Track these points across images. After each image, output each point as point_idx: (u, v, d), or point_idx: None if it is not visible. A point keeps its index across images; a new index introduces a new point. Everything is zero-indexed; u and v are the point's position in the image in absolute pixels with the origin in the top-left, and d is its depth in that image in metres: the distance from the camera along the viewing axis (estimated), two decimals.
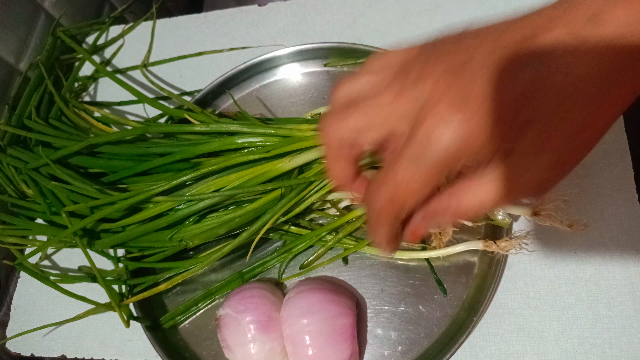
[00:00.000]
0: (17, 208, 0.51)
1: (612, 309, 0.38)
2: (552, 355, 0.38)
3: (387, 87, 0.25)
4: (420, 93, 0.23)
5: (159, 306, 0.47)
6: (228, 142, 0.42)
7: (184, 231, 0.42)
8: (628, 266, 0.39)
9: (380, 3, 0.55)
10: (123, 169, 0.45)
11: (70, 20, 0.64)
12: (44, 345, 0.48)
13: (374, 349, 0.41)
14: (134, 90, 0.49)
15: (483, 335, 0.39)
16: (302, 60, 0.53)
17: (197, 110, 0.47)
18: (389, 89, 0.25)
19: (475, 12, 0.51)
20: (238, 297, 0.41)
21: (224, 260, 0.46)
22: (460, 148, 0.22)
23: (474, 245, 0.40)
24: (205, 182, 0.42)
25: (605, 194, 0.41)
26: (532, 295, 0.40)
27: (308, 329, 0.38)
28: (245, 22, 0.58)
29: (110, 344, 0.47)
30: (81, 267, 0.50)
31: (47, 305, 0.50)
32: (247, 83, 0.54)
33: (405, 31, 0.53)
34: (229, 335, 0.40)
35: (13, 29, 0.57)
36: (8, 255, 0.53)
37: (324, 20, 0.56)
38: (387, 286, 0.42)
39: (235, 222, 0.41)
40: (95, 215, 0.42)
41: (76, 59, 0.62)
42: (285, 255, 0.44)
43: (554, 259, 0.40)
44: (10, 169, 0.51)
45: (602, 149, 0.42)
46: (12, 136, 0.53)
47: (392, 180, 0.24)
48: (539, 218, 0.37)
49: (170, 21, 0.61)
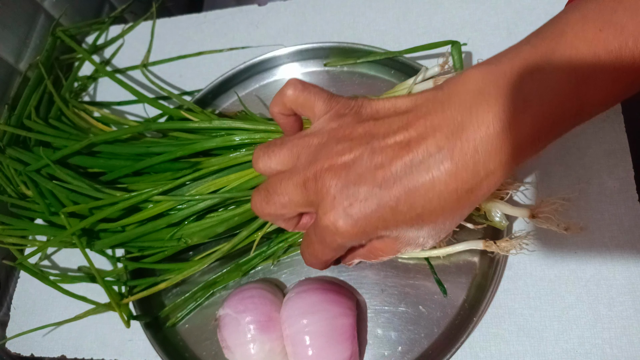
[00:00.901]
0: (16, 208, 0.51)
1: (613, 309, 0.38)
2: (552, 356, 0.38)
3: (298, 175, 0.29)
4: (323, 186, 0.28)
5: (159, 307, 0.47)
6: (229, 140, 0.42)
7: (183, 230, 0.42)
8: (628, 266, 0.39)
9: (380, 3, 0.55)
10: (122, 168, 0.45)
11: (70, 20, 0.64)
12: (44, 345, 0.48)
13: (374, 349, 0.41)
14: (133, 90, 0.49)
15: (483, 335, 0.39)
16: (302, 60, 0.53)
17: (197, 109, 0.47)
18: (298, 177, 0.29)
19: (475, 12, 0.51)
20: (238, 297, 0.41)
21: (224, 260, 0.46)
22: (361, 235, 0.29)
23: (474, 245, 0.40)
24: (205, 182, 0.42)
25: (605, 194, 0.41)
26: (532, 295, 0.40)
27: (308, 329, 0.38)
28: (245, 22, 0.58)
29: (110, 344, 0.47)
30: (81, 267, 0.50)
31: (47, 305, 0.50)
32: (247, 83, 0.54)
33: (405, 31, 0.52)
34: (229, 335, 0.40)
35: (13, 29, 0.57)
36: (8, 255, 0.53)
37: (324, 20, 0.56)
38: (387, 286, 0.42)
39: (234, 220, 0.41)
40: (95, 216, 0.42)
41: (76, 58, 0.62)
42: (281, 246, 0.44)
43: (555, 259, 0.40)
44: (10, 170, 0.51)
45: (602, 149, 0.42)
46: (12, 136, 0.53)
47: (305, 255, 0.33)
48: (537, 220, 0.37)
49: (170, 21, 0.61)
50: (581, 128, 0.43)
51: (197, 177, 0.42)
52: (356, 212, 0.27)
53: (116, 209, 0.42)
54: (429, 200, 0.27)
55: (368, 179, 0.27)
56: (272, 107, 0.33)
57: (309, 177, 0.29)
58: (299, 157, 0.30)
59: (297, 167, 0.30)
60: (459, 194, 0.27)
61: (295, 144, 0.30)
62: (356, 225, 0.28)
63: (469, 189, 0.27)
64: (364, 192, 0.27)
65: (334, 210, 0.28)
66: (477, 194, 0.28)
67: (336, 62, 0.52)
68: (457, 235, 0.41)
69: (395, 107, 0.29)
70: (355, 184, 0.27)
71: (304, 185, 0.29)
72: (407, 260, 0.43)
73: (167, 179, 0.43)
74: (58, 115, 0.54)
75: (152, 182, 0.44)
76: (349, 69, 0.52)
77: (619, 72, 0.27)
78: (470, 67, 0.29)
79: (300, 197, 0.30)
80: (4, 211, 0.52)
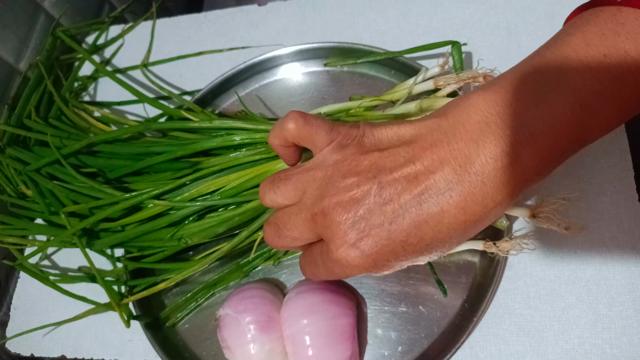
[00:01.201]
0: (16, 208, 0.51)
1: (613, 309, 0.38)
2: (552, 356, 0.38)
3: (304, 213, 0.30)
4: (332, 222, 0.29)
5: (159, 307, 0.47)
6: (229, 140, 0.42)
7: (183, 230, 0.42)
8: (628, 266, 0.39)
9: (380, 3, 0.55)
10: (122, 168, 0.45)
11: (70, 20, 0.64)
12: (44, 345, 0.48)
13: (374, 349, 0.41)
14: (133, 90, 0.49)
15: (483, 335, 0.39)
16: (302, 60, 0.53)
17: (197, 109, 0.47)
18: (305, 215, 0.30)
19: (475, 12, 0.51)
20: (238, 297, 0.41)
21: (224, 260, 0.46)
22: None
23: (474, 245, 0.40)
24: (205, 182, 0.42)
25: (606, 194, 0.41)
26: (532, 295, 0.40)
27: (308, 329, 0.38)
28: (245, 22, 0.58)
29: (110, 344, 0.47)
30: (81, 267, 0.50)
31: (47, 305, 0.50)
32: (247, 83, 0.54)
33: (405, 31, 0.52)
34: (229, 335, 0.40)
35: (13, 29, 0.57)
36: (8, 255, 0.53)
37: (324, 20, 0.56)
38: (387, 286, 0.42)
39: (234, 220, 0.41)
40: (95, 216, 0.42)
41: (76, 58, 0.62)
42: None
43: (555, 259, 0.40)
44: (10, 169, 0.51)
45: (602, 149, 0.42)
46: (12, 136, 0.53)
47: (313, 273, 0.33)
48: (537, 220, 0.37)
49: (170, 21, 0.61)
50: None
51: (197, 177, 0.42)
52: (368, 247, 0.28)
53: (117, 209, 0.42)
54: (438, 232, 0.27)
55: (378, 214, 0.27)
56: (272, 140, 0.33)
57: (316, 213, 0.29)
58: (305, 192, 0.30)
59: (304, 202, 0.30)
60: (467, 225, 0.27)
61: (299, 179, 0.30)
62: (368, 260, 0.28)
63: (476, 220, 0.27)
64: (375, 227, 0.27)
65: (345, 245, 0.28)
66: (484, 223, 0.28)
67: (336, 62, 0.52)
68: None
69: (399, 135, 0.29)
70: (365, 219, 0.28)
71: (313, 220, 0.29)
72: None
73: (167, 178, 0.43)
74: (58, 115, 0.54)
75: (152, 181, 0.44)
76: (349, 69, 0.52)
77: (623, 99, 0.27)
78: (473, 93, 0.29)
79: (309, 231, 0.30)
80: (4, 211, 0.52)
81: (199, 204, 0.41)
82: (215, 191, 0.41)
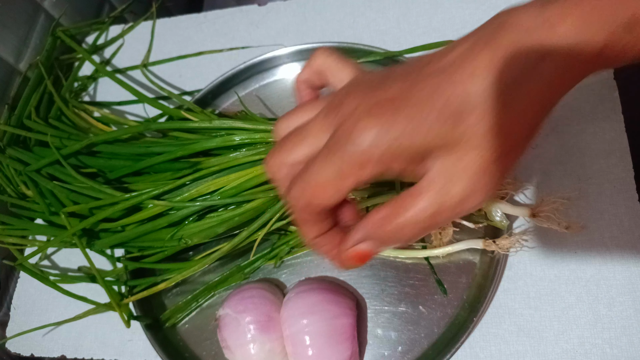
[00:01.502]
0: (16, 208, 0.51)
1: (613, 309, 0.38)
2: (552, 356, 0.38)
3: (319, 113, 0.26)
4: (347, 107, 0.24)
5: (159, 307, 0.47)
6: (229, 140, 0.42)
7: (183, 230, 0.42)
8: (628, 266, 0.39)
9: (380, 3, 0.55)
10: (122, 168, 0.45)
11: (70, 20, 0.64)
12: (44, 345, 0.48)
13: (374, 349, 0.41)
14: (133, 90, 0.49)
15: (483, 335, 0.39)
16: (302, 60, 0.53)
17: (197, 109, 0.47)
18: (320, 113, 0.26)
19: (475, 11, 0.51)
20: (238, 297, 0.41)
21: (224, 260, 0.46)
22: (384, 146, 0.23)
23: (474, 244, 0.40)
24: (205, 182, 0.42)
25: (606, 194, 0.41)
26: (532, 295, 0.40)
27: (308, 329, 0.38)
28: (245, 22, 0.58)
29: (110, 344, 0.47)
30: (81, 267, 0.50)
31: (47, 305, 0.50)
32: (247, 83, 0.54)
33: (405, 31, 0.52)
34: (229, 335, 0.40)
35: (13, 29, 0.57)
36: (8, 255, 0.53)
37: (324, 20, 0.56)
38: (387, 286, 0.42)
39: (234, 221, 0.41)
40: (95, 216, 0.42)
41: (76, 58, 0.62)
42: (282, 248, 0.44)
43: (555, 259, 0.40)
44: (10, 170, 0.51)
45: (602, 149, 0.42)
46: (12, 136, 0.53)
47: (303, 177, 0.25)
48: (537, 219, 0.37)
49: (170, 21, 0.61)
50: (581, 128, 0.43)
51: (197, 177, 0.42)
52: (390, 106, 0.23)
53: (117, 209, 0.42)
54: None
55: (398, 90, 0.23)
56: (300, 76, 0.32)
57: (330, 108, 0.25)
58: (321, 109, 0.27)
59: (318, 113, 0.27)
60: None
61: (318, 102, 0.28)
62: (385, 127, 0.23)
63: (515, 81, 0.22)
64: (395, 89, 0.23)
65: (363, 113, 0.23)
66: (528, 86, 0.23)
67: None
68: (457, 235, 0.41)
69: None
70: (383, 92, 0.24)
71: (326, 116, 0.25)
72: (407, 260, 0.43)
73: (167, 179, 0.43)
74: (58, 115, 0.54)
75: (152, 182, 0.44)
76: None
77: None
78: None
79: (322, 127, 0.25)
80: (4, 211, 0.52)
81: (199, 204, 0.41)
82: (215, 191, 0.41)
